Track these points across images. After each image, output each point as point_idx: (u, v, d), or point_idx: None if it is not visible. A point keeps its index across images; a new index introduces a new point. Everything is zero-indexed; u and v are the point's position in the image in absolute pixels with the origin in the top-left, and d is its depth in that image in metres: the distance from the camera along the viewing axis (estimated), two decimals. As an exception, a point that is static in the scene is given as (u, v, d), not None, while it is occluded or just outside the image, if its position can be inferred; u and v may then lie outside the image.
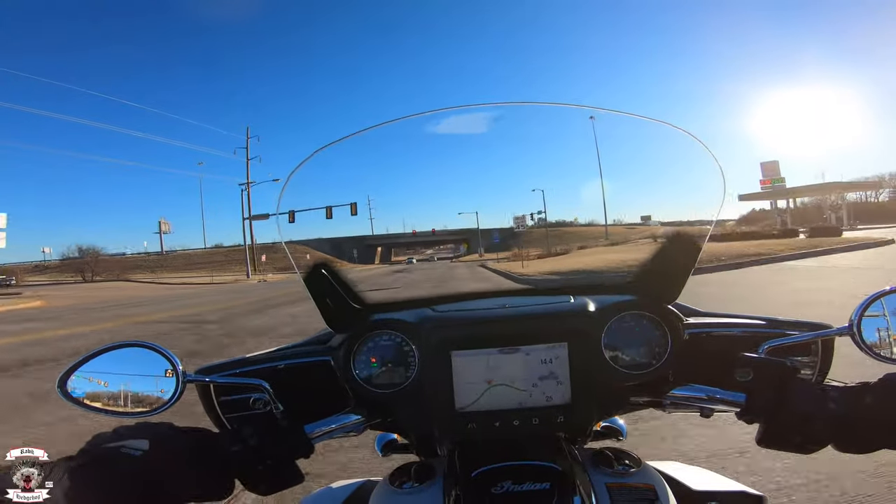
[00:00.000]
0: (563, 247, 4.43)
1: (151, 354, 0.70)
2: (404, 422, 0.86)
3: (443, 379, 0.77)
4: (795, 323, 0.84)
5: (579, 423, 0.80)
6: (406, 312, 0.88)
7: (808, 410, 0.64)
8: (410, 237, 16.79)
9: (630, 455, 0.77)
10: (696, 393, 0.76)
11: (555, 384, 0.77)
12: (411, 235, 9.42)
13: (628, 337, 0.82)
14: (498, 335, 0.79)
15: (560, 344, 0.78)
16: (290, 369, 0.86)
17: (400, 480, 0.74)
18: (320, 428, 0.74)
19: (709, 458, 2.71)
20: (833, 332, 0.75)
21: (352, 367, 0.82)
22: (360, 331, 0.84)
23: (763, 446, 0.68)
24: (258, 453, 0.64)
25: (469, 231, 5.35)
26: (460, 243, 10.76)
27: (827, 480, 2.35)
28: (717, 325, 0.87)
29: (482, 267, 12.61)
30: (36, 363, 7.11)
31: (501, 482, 0.67)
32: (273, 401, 0.75)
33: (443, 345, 0.78)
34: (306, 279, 0.86)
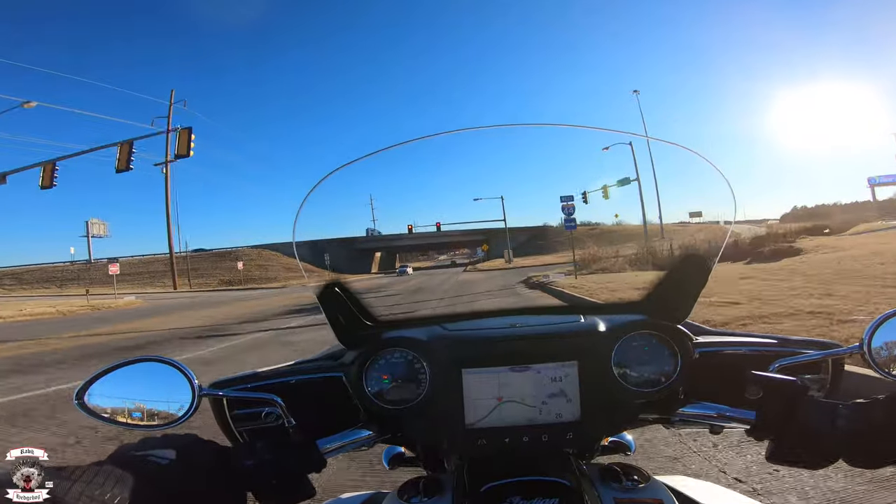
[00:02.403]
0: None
1: (166, 369, 0.72)
2: (414, 437, 0.87)
3: (453, 396, 0.79)
4: (806, 342, 0.86)
5: (588, 440, 0.81)
6: (417, 330, 0.90)
7: (818, 426, 0.64)
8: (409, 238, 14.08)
9: (638, 470, 0.77)
10: (706, 410, 0.77)
11: (564, 401, 0.79)
12: (409, 236, 7.86)
13: (638, 356, 0.83)
14: (508, 354, 0.80)
15: (570, 362, 0.79)
16: (303, 384, 0.88)
17: (409, 494, 0.75)
18: (332, 443, 0.75)
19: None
20: (844, 351, 0.75)
21: (364, 384, 0.84)
22: (373, 348, 0.85)
23: (773, 462, 0.69)
24: (271, 467, 0.65)
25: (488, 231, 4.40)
26: (477, 245, 8.77)
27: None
28: (728, 343, 0.88)
29: (537, 289, 8.05)
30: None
31: (510, 497, 0.67)
32: (285, 415, 0.76)
33: (454, 363, 0.80)
34: (320, 296, 0.88)
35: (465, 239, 14.91)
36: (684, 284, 0.87)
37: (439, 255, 14.38)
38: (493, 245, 6.03)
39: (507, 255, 5.11)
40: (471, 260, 10.12)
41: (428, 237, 17.54)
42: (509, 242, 3.49)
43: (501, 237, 3.99)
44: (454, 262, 12.50)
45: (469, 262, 10.00)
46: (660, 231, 10.12)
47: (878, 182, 13.72)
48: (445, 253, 13.81)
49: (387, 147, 0.91)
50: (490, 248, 6.33)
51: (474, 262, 9.58)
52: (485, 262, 8.57)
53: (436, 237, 16.45)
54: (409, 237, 12.70)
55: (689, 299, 0.87)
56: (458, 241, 15.45)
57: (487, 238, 5.16)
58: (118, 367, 0.71)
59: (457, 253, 13.36)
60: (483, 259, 8.46)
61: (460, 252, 13.20)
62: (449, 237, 14.28)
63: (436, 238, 16.52)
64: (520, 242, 5.15)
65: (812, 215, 10.97)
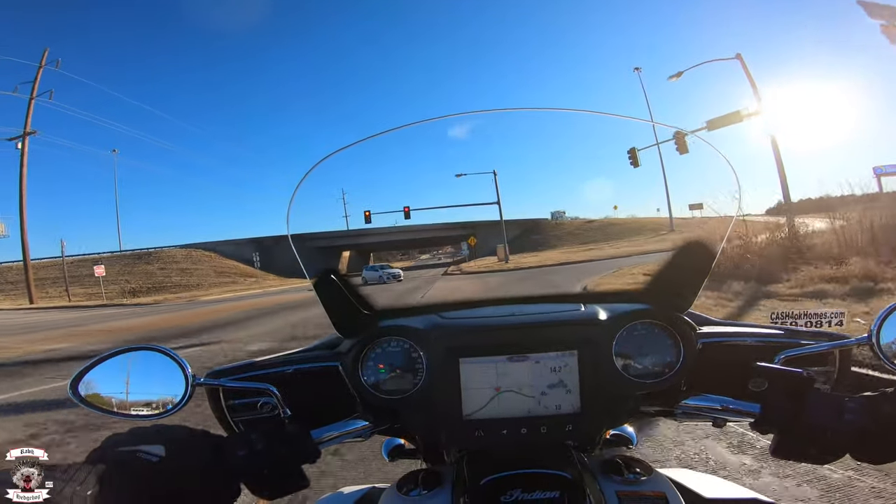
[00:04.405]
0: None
1: (161, 358, 0.72)
2: (412, 428, 0.87)
3: (450, 386, 0.78)
4: (812, 333, 0.84)
5: (588, 433, 0.80)
6: (414, 319, 0.88)
7: (825, 420, 0.64)
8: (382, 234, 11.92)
9: (640, 463, 0.76)
10: (710, 403, 0.76)
11: (564, 392, 0.77)
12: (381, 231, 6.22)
13: (640, 346, 0.82)
14: (507, 343, 0.79)
15: (570, 352, 0.78)
16: (298, 374, 0.87)
17: (407, 487, 0.74)
18: (327, 433, 0.74)
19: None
20: (851, 342, 0.74)
21: (360, 373, 0.83)
22: (369, 337, 0.84)
23: (778, 457, 0.68)
24: (264, 458, 0.64)
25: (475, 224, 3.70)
26: (462, 240, 6.49)
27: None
28: (732, 334, 0.87)
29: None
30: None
31: (511, 490, 0.67)
32: (280, 405, 0.76)
33: (451, 352, 0.79)
34: (316, 284, 0.86)
35: (445, 234, 13.44)
36: (687, 273, 0.86)
37: (421, 253, 13.01)
38: (482, 239, 4.80)
39: (502, 252, 4.08)
40: (454, 259, 8.24)
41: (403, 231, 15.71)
42: (506, 235, 2.69)
43: (491, 229, 3.31)
44: (440, 261, 10.54)
45: (452, 261, 8.06)
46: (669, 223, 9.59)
47: (884, 171, 13.33)
48: (429, 251, 12.58)
49: (378, 133, 0.89)
50: (478, 242, 4.90)
51: (457, 262, 7.71)
52: (470, 260, 6.79)
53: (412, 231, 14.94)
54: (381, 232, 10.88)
55: (693, 289, 0.86)
56: (438, 235, 14.11)
57: (475, 231, 4.19)
58: (112, 356, 0.70)
59: (439, 251, 12.03)
60: (467, 258, 6.85)
61: (444, 251, 11.93)
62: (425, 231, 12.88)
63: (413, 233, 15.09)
64: (512, 237, 4.65)
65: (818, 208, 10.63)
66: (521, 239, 13.16)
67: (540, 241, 13.25)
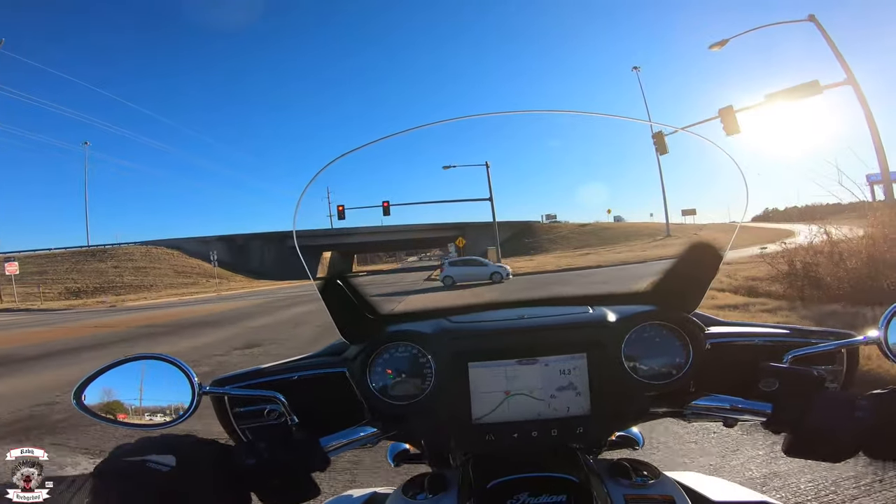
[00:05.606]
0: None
1: (166, 367, 0.71)
2: (420, 433, 0.86)
3: (459, 390, 0.77)
4: (820, 332, 0.85)
5: (598, 434, 0.80)
6: (422, 323, 0.88)
7: (837, 419, 0.64)
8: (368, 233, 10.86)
9: (648, 466, 0.76)
10: (720, 403, 0.76)
11: (574, 395, 0.77)
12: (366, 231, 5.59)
13: (648, 347, 0.82)
14: (515, 346, 0.79)
15: (579, 354, 0.78)
16: (305, 381, 0.87)
17: (413, 491, 0.73)
18: (336, 441, 0.73)
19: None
20: (860, 341, 0.74)
21: (367, 379, 0.82)
22: (376, 342, 0.84)
23: (791, 456, 0.68)
24: (273, 467, 0.64)
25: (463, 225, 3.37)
26: (448, 241, 6.18)
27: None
28: (740, 334, 0.87)
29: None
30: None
31: (517, 494, 0.66)
32: (287, 413, 0.76)
33: (459, 356, 0.78)
34: (322, 289, 0.86)
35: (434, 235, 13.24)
36: (694, 274, 0.86)
37: (408, 255, 12.85)
38: (472, 240, 4.71)
39: (493, 255, 3.92)
40: (440, 262, 7.87)
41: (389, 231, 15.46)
42: (498, 237, 2.57)
43: (482, 231, 3.25)
44: (428, 263, 9.81)
45: (439, 264, 7.65)
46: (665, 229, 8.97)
47: (878, 179, 13.22)
48: (416, 254, 12.30)
49: (385, 137, 0.89)
50: (467, 244, 4.65)
51: (442, 266, 7.39)
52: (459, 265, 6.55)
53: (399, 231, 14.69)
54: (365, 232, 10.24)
55: (700, 289, 0.86)
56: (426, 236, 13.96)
57: (464, 231, 4.05)
58: (117, 365, 0.70)
59: (427, 253, 11.76)
60: (456, 260, 6.60)
61: (432, 253, 11.64)
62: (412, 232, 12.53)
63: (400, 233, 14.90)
64: (503, 240, 4.56)
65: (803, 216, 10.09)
66: (513, 242, 13.01)
67: (532, 245, 13.12)
